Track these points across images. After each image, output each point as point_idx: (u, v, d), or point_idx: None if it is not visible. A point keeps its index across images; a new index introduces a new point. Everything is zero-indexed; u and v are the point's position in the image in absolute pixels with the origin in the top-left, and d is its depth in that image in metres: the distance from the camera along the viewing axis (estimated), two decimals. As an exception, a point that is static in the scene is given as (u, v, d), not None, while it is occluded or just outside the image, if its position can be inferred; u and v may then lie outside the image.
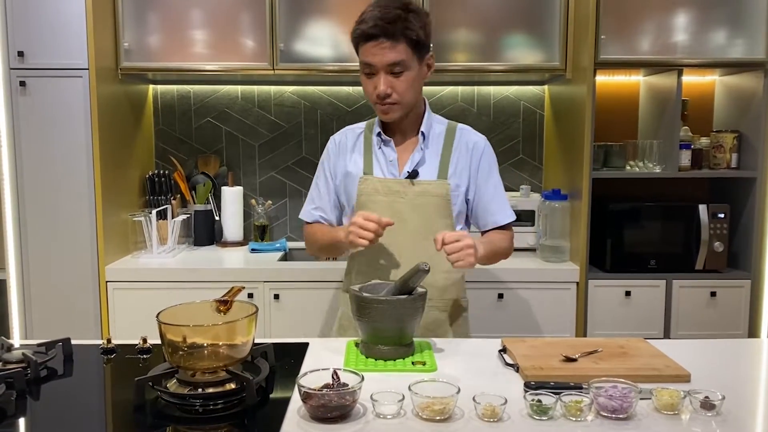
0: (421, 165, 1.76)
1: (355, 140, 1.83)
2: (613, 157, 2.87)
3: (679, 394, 1.21)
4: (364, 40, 1.65)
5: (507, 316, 2.67)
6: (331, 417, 1.17)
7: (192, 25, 2.77)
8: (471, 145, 1.80)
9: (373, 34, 1.62)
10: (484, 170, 1.81)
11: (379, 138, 1.78)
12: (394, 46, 1.63)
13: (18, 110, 2.56)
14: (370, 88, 1.69)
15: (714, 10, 2.66)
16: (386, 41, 1.62)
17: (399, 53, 1.63)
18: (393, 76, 1.66)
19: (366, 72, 1.69)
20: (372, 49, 1.64)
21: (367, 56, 1.66)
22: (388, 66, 1.64)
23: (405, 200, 1.74)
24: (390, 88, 1.66)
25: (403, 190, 1.74)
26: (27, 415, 1.25)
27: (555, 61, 2.79)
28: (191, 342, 1.29)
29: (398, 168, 1.77)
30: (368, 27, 1.63)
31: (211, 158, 3.21)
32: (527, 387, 1.29)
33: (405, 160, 1.78)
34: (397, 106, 1.70)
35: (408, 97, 1.70)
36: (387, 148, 1.78)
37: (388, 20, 1.61)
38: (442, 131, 1.81)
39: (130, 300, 2.62)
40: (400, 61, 1.64)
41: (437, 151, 1.78)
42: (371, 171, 1.78)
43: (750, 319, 2.74)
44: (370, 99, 1.72)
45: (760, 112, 2.72)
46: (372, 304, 1.46)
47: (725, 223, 2.74)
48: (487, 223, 1.83)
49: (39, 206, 2.60)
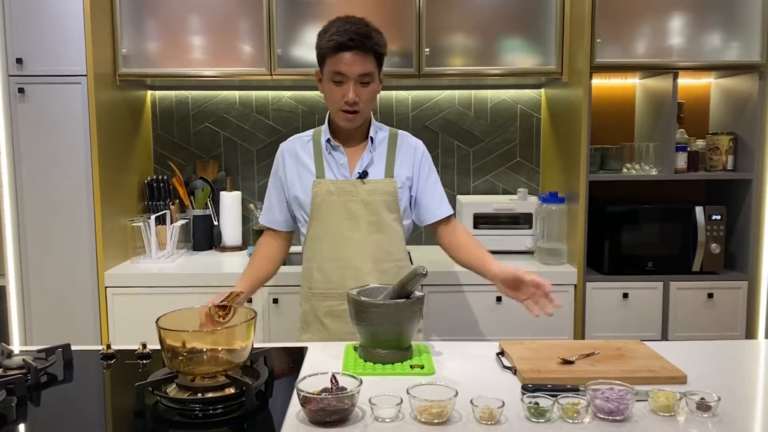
0: (370, 166, 1.91)
1: (304, 147, 1.95)
2: (609, 159, 2.88)
3: (675, 396, 1.21)
4: (338, 50, 1.76)
5: (505, 319, 2.67)
6: (330, 421, 1.18)
7: (190, 31, 2.78)
8: (412, 148, 1.96)
9: (350, 45, 1.75)
10: (424, 169, 1.96)
11: (329, 144, 1.91)
12: (366, 59, 1.78)
13: (17, 117, 2.57)
14: (338, 96, 1.81)
15: (709, 13, 2.68)
16: (360, 53, 1.76)
17: (369, 65, 1.79)
18: (361, 86, 1.80)
19: (335, 80, 1.80)
20: (346, 60, 1.76)
21: (339, 66, 1.77)
22: (359, 76, 1.78)
23: (357, 199, 1.87)
24: (357, 96, 1.79)
25: (354, 189, 1.88)
26: (27, 421, 1.25)
27: (551, 64, 2.81)
28: (191, 347, 1.30)
29: (349, 170, 1.90)
30: (345, 39, 1.75)
31: (209, 163, 3.22)
32: (525, 389, 1.30)
33: (354, 163, 1.91)
34: (360, 114, 1.84)
35: (369, 107, 1.87)
36: (337, 153, 1.91)
37: (362, 34, 1.76)
38: (385, 136, 1.96)
39: (130, 305, 2.63)
40: (370, 72, 1.80)
41: (383, 154, 1.93)
42: (323, 174, 1.90)
43: (747, 320, 2.75)
44: (334, 106, 1.84)
45: (756, 114, 2.73)
46: (370, 308, 1.47)
47: (722, 224, 2.75)
48: (432, 216, 1.96)
49: (38, 212, 2.61)
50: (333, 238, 1.88)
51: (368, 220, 1.88)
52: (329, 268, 1.89)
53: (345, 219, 1.87)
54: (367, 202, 1.87)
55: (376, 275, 1.86)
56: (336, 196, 1.87)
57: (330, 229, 1.88)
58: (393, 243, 1.92)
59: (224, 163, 3.25)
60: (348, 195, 1.87)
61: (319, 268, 1.91)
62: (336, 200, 1.87)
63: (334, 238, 1.88)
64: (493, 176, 3.23)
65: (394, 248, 1.92)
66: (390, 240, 1.91)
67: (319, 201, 1.88)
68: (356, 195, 1.87)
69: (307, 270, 1.96)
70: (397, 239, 1.93)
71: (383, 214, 1.89)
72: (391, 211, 1.90)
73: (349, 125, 1.86)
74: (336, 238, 1.88)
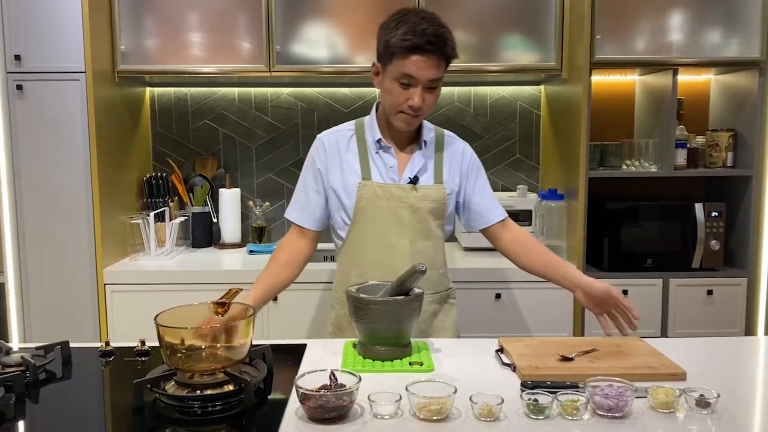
0: (423, 171, 1.81)
1: (348, 143, 1.83)
2: (609, 156, 2.87)
3: (674, 393, 1.21)
4: (411, 52, 1.63)
5: (504, 316, 2.67)
6: (329, 418, 1.17)
7: (188, 27, 2.78)
8: (459, 152, 1.87)
9: (426, 49, 1.63)
10: (472, 174, 1.88)
11: (378, 144, 1.80)
12: (439, 64, 1.66)
13: (15, 114, 2.57)
14: (401, 99, 1.69)
15: (709, 10, 2.67)
16: (434, 58, 1.65)
17: (440, 70, 1.68)
18: (428, 91, 1.69)
19: (403, 82, 1.67)
20: (419, 63, 1.64)
21: (410, 68, 1.64)
22: (429, 81, 1.67)
23: (406, 205, 1.77)
24: (423, 102, 1.69)
25: (404, 195, 1.77)
26: (26, 419, 1.25)
27: (551, 61, 2.80)
28: (189, 344, 1.29)
29: (398, 173, 1.80)
30: (422, 41, 1.62)
31: (208, 160, 3.22)
32: (524, 386, 1.30)
33: (403, 166, 1.81)
34: (420, 117, 1.74)
35: (430, 111, 1.76)
36: (386, 154, 1.80)
37: (440, 37, 1.64)
38: (433, 138, 1.86)
39: (129, 302, 2.62)
40: (440, 78, 1.69)
41: (431, 157, 1.83)
42: (369, 176, 1.78)
43: (746, 317, 2.75)
44: (395, 107, 1.71)
45: (756, 111, 2.73)
46: (369, 305, 1.47)
47: (721, 221, 2.75)
48: (483, 222, 1.88)
49: (37, 209, 2.60)
50: (378, 244, 1.78)
51: (415, 227, 1.79)
52: (371, 274, 1.74)
53: (392, 225, 1.78)
54: (416, 208, 1.78)
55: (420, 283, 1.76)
56: (384, 201, 1.77)
57: (375, 235, 1.78)
58: (437, 251, 1.85)
59: (223, 160, 3.24)
60: (397, 200, 1.77)
61: (359, 274, 1.79)
62: (384, 205, 1.77)
63: (378, 245, 1.78)
64: (493, 173, 3.22)
65: (438, 256, 1.86)
66: (435, 248, 1.84)
67: (364, 204, 1.77)
68: (405, 201, 1.77)
69: (343, 275, 1.86)
70: (440, 247, 1.87)
71: (430, 221, 1.80)
72: (436, 218, 1.82)
73: (408, 128, 1.77)
74: (381, 245, 1.78)
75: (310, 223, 1.85)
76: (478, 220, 1.88)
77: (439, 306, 1.89)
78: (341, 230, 1.85)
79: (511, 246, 1.85)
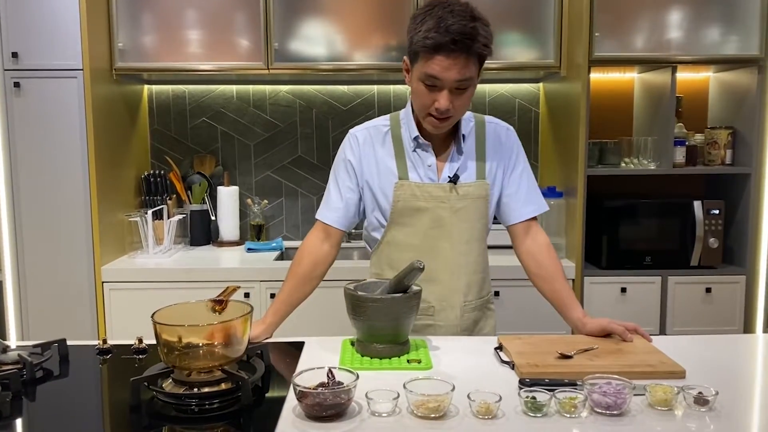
0: (464, 168, 1.69)
1: (383, 140, 1.71)
2: (608, 154, 2.87)
3: (672, 390, 1.21)
4: (435, 51, 1.49)
5: (503, 314, 2.67)
6: (327, 416, 1.17)
7: (186, 25, 2.77)
8: (501, 139, 1.74)
9: (450, 49, 1.48)
10: (510, 162, 1.75)
11: (416, 141, 1.68)
12: (467, 64, 1.51)
13: (12, 111, 2.56)
14: (428, 101, 1.56)
15: (707, 7, 2.67)
16: (461, 58, 1.50)
17: (469, 70, 1.53)
18: (457, 92, 1.55)
19: (428, 83, 1.54)
20: (443, 63, 1.50)
21: (434, 69, 1.51)
22: (456, 82, 1.53)
23: (446, 206, 1.67)
24: (451, 104, 1.55)
25: (444, 195, 1.67)
26: (23, 417, 1.25)
27: (549, 58, 2.80)
28: (187, 342, 1.29)
29: (437, 172, 1.69)
30: (446, 40, 1.47)
31: (206, 158, 3.21)
32: (522, 384, 1.30)
33: (442, 164, 1.70)
34: (450, 120, 1.61)
35: (463, 112, 1.64)
36: (424, 153, 1.69)
37: (468, 35, 1.48)
38: (472, 128, 1.72)
39: (127, 300, 2.62)
40: (469, 77, 1.54)
41: (472, 151, 1.71)
42: (406, 175, 1.68)
43: (745, 314, 2.75)
44: (423, 109, 1.60)
45: (755, 109, 2.73)
46: (367, 303, 1.46)
47: (720, 219, 2.75)
48: (513, 217, 1.75)
49: (35, 207, 2.60)
50: (417, 248, 1.67)
51: (459, 228, 1.68)
52: None
53: (432, 228, 1.67)
54: (458, 209, 1.67)
55: (463, 290, 1.71)
56: (423, 202, 1.66)
57: (415, 238, 1.68)
58: (481, 252, 1.74)
59: (221, 158, 3.24)
60: (436, 201, 1.66)
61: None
62: (423, 206, 1.66)
63: (419, 248, 1.67)
64: (492, 171, 3.22)
65: (482, 258, 1.75)
66: (478, 249, 1.73)
67: (402, 206, 1.67)
68: (446, 201, 1.66)
69: (378, 276, 1.75)
70: (483, 248, 1.76)
71: (473, 221, 1.69)
72: (481, 216, 1.70)
73: (438, 131, 1.64)
74: (421, 248, 1.67)
75: (341, 223, 1.73)
76: (509, 215, 1.75)
77: (481, 313, 1.80)
78: (375, 232, 1.75)
79: (525, 258, 1.75)
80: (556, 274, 1.71)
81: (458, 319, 1.73)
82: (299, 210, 3.25)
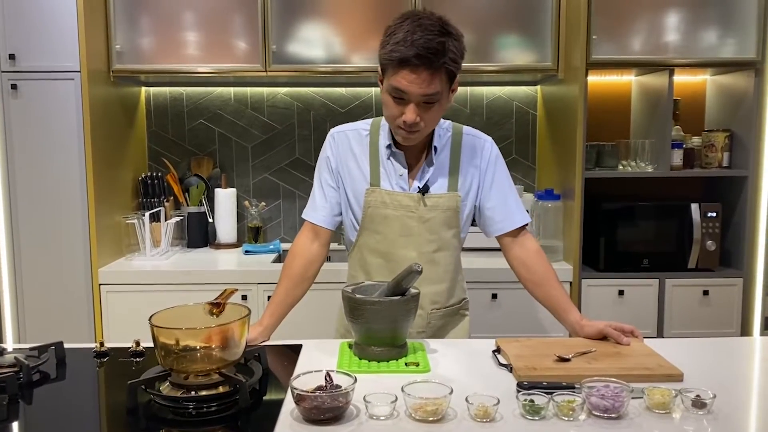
0: (435, 179, 1.71)
1: (361, 144, 1.74)
2: (605, 156, 2.88)
3: (670, 393, 1.21)
4: (400, 65, 1.49)
5: (501, 317, 2.67)
6: (324, 419, 1.17)
7: (184, 27, 2.77)
8: (478, 151, 1.75)
9: (414, 63, 1.48)
10: (489, 175, 1.75)
11: (389, 150, 1.70)
12: (433, 79, 1.50)
13: (9, 113, 2.56)
14: (395, 113, 1.57)
15: (705, 10, 2.67)
16: (426, 73, 1.49)
17: (436, 86, 1.52)
18: (424, 106, 1.55)
19: (395, 96, 1.55)
20: (408, 77, 1.50)
21: (400, 83, 1.51)
22: (422, 96, 1.52)
23: (415, 215, 1.69)
24: (418, 117, 1.55)
25: (413, 204, 1.69)
26: (19, 420, 1.24)
27: (547, 61, 2.80)
28: (184, 345, 1.29)
29: (408, 182, 1.71)
30: (410, 55, 1.47)
31: (204, 160, 3.21)
32: (520, 387, 1.30)
33: (414, 173, 1.71)
34: (420, 133, 1.60)
35: (432, 125, 1.64)
36: (396, 162, 1.70)
37: (433, 51, 1.47)
38: (448, 139, 1.74)
39: (124, 303, 2.61)
40: (436, 92, 1.53)
41: (445, 162, 1.72)
42: (378, 182, 1.70)
43: (742, 317, 2.75)
44: (392, 121, 1.60)
45: (751, 111, 2.73)
46: (365, 306, 1.46)
47: (717, 221, 2.75)
48: (495, 229, 1.77)
49: (31, 209, 2.59)
50: (385, 254, 1.71)
51: (426, 238, 1.70)
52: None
53: (400, 236, 1.69)
54: (426, 219, 1.69)
55: (430, 297, 1.72)
56: (392, 210, 1.68)
57: (383, 244, 1.71)
58: (451, 262, 1.76)
59: (219, 160, 3.24)
60: (405, 210, 1.68)
61: (368, 279, 1.70)
62: (391, 214, 1.69)
63: (386, 255, 1.71)
64: (489, 173, 3.22)
65: (452, 267, 1.76)
66: (448, 259, 1.75)
67: (372, 212, 1.70)
68: (415, 211, 1.68)
69: (353, 278, 1.79)
70: (454, 257, 1.77)
71: (442, 231, 1.71)
72: (450, 227, 1.72)
73: (407, 143, 1.64)
74: (388, 255, 1.70)
75: (328, 222, 1.76)
76: (490, 227, 1.77)
77: (450, 319, 1.82)
78: (350, 233, 1.78)
79: (515, 265, 1.76)
80: (548, 277, 1.72)
81: (425, 327, 1.78)
82: (297, 212, 3.24)
